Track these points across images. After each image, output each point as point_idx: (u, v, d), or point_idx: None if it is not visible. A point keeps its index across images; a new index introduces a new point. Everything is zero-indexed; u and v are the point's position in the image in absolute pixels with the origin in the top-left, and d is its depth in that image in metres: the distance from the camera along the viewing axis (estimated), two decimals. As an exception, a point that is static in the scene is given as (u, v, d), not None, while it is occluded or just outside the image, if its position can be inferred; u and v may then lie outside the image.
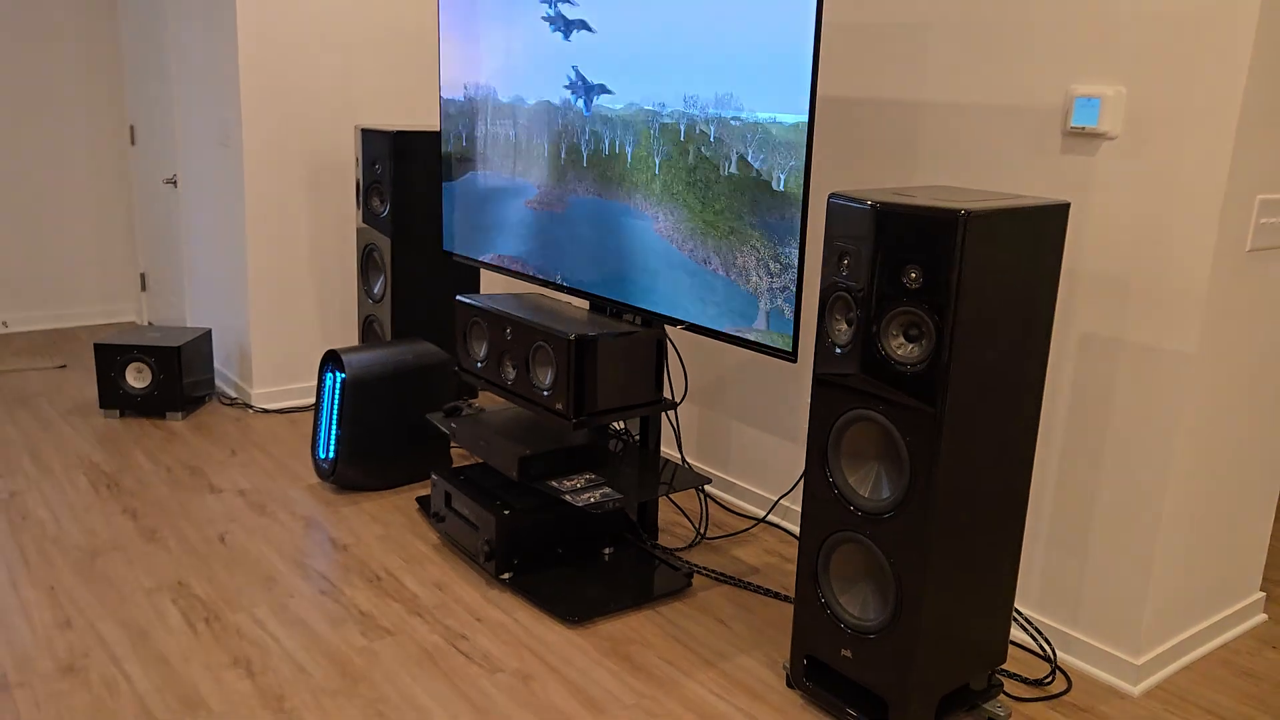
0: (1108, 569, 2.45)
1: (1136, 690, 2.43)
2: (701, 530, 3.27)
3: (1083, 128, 2.33)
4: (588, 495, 2.67)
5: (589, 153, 2.83)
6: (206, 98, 4.27)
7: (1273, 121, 2.21)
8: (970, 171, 2.61)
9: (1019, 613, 2.65)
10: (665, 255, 2.66)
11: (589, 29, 2.76)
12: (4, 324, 5.29)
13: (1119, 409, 2.38)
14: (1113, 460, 2.41)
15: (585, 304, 3.46)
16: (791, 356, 2.38)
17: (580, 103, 2.83)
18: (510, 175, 3.15)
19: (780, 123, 2.30)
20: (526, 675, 2.41)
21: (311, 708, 2.25)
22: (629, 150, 2.71)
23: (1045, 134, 2.44)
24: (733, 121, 2.41)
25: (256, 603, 2.69)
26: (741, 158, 2.40)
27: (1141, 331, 2.31)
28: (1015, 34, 2.47)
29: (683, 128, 2.54)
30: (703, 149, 2.50)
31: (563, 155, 2.93)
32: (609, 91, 2.73)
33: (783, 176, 2.32)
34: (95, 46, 5.26)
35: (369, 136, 3.80)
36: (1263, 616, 2.82)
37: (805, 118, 2.25)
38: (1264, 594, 2.83)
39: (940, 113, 2.66)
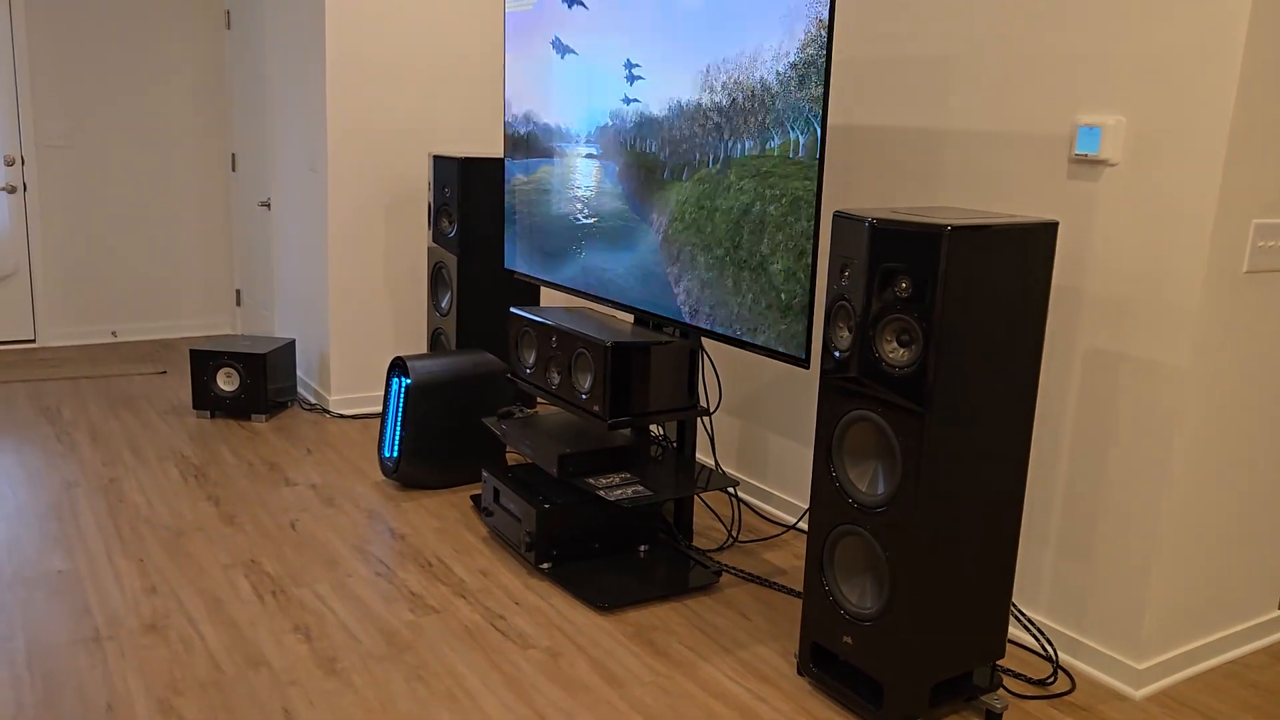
0: (1111, 576, 2.56)
1: (1138, 695, 2.52)
2: (734, 534, 3.45)
3: (1086, 155, 2.48)
4: (620, 492, 2.88)
5: (633, 181, 3.07)
6: (298, 128, 4.66)
7: (1265, 149, 2.33)
8: (987, 195, 2.77)
9: (1024, 615, 2.76)
10: (700, 272, 2.87)
11: (639, 76, 3.01)
12: (114, 334, 5.77)
13: (1121, 420, 2.50)
14: (1116, 470, 2.53)
15: (630, 318, 3.68)
16: (804, 363, 2.56)
17: (625, 138, 3.08)
18: (564, 199, 3.41)
19: (801, 146, 2.51)
20: (556, 652, 2.62)
21: (360, 670, 2.50)
22: (668, 177, 2.94)
23: (1053, 160, 2.59)
24: (756, 154, 2.62)
25: (318, 580, 2.97)
26: (769, 179, 2.61)
27: (1141, 347, 2.44)
28: (1025, 67, 2.63)
29: (714, 157, 2.76)
30: (733, 177, 2.71)
31: (609, 184, 3.17)
32: (644, 135, 2.97)
33: (805, 195, 2.52)
34: (203, 82, 5.74)
35: (440, 163, 4.12)
36: (1280, 634, 2.87)
37: (818, 142, 2.45)
38: (1281, 612, 2.88)
39: (961, 140, 2.83)
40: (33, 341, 5.58)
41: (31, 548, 3.09)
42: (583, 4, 3.21)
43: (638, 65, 3.01)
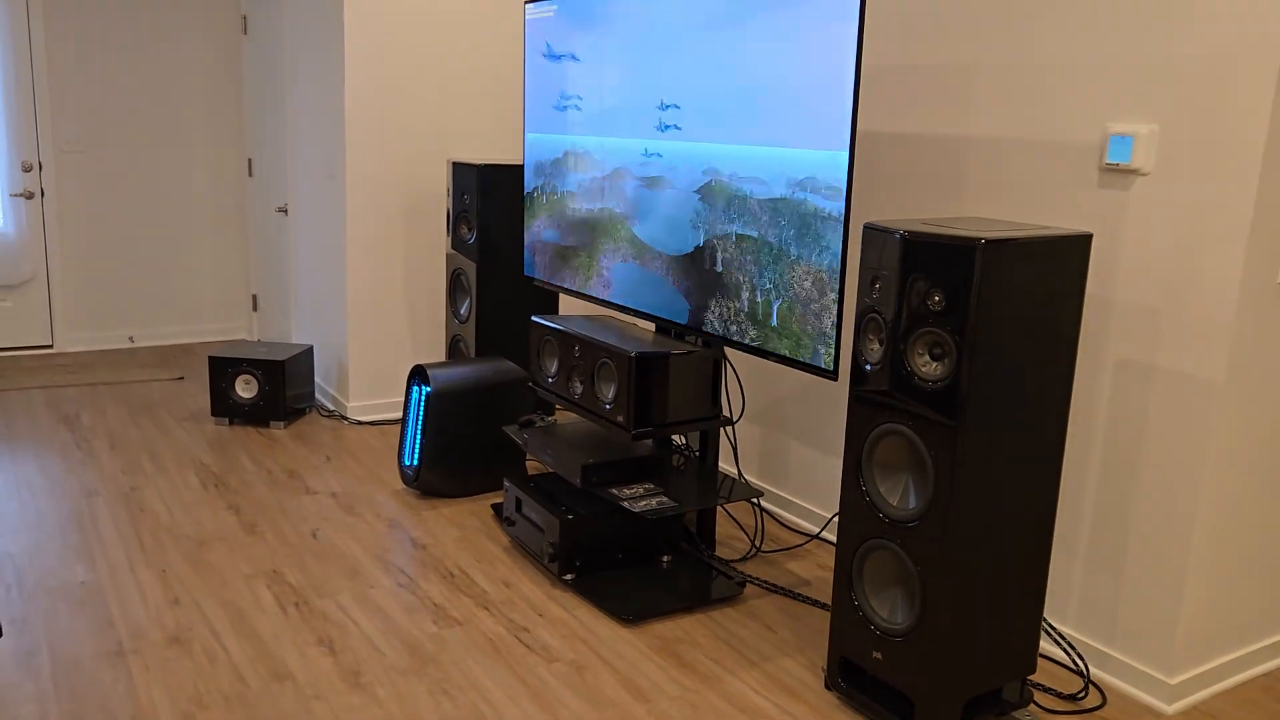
0: (1142, 589, 2.53)
1: (1170, 709, 2.49)
2: (757, 544, 3.42)
3: (1117, 164, 2.45)
4: (645, 502, 2.86)
5: (650, 190, 3.05)
6: (316, 134, 4.65)
7: (1302, 158, 2.30)
8: (1014, 204, 2.74)
9: (1054, 628, 2.73)
10: (724, 282, 2.85)
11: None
12: (131, 339, 5.77)
13: (1152, 433, 2.47)
14: (1147, 482, 2.49)
15: (652, 326, 3.66)
16: (833, 375, 2.54)
17: (643, 147, 3.06)
18: (584, 208, 3.40)
19: (828, 158, 2.48)
20: (580, 666, 2.60)
21: (384, 683, 2.49)
22: (691, 187, 2.92)
23: (1083, 169, 2.56)
24: (785, 160, 2.60)
25: (341, 591, 2.95)
26: (794, 191, 2.59)
27: (1173, 358, 2.41)
28: (1055, 74, 2.60)
29: (739, 168, 2.74)
30: (757, 185, 2.69)
31: (629, 192, 3.15)
32: (678, 130, 2.95)
33: (828, 208, 2.49)
34: (220, 87, 5.75)
35: (459, 170, 4.10)
36: (1312, 647, 2.83)
37: (846, 152, 2.43)
38: (1313, 625, 2.84)
39: (986, 148, 2.81)
40: (50, 347, 5.59)
41: (53, 558, 3.09)
42: (603, 19, 3.20)
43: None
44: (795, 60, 2.55)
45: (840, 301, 2.50)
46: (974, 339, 2.04)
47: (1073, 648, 2.68)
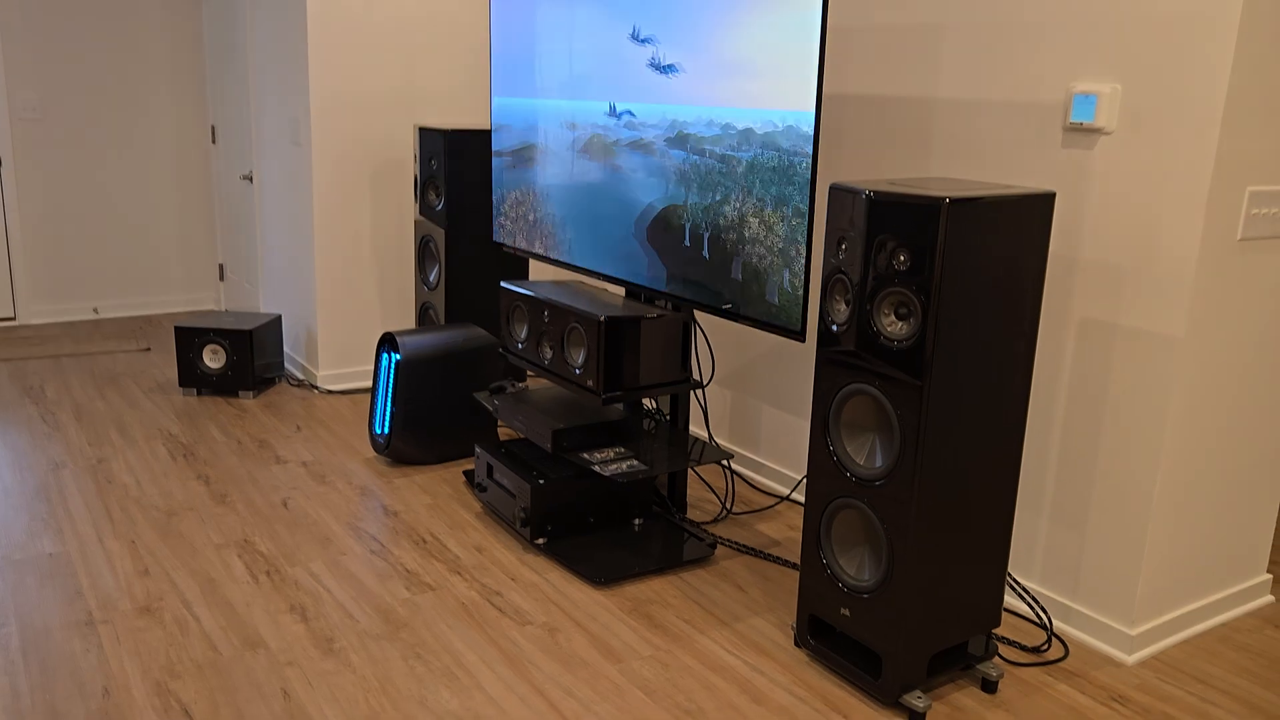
0: (1104, 543, 2.58)
1: (1131, 659, 2.55)
2: (728, 506, 3.45)
3: (1081, 123, 2.46)
4: (615, 466, 2.87)
5: (618, 153, 3.04)
6: (280, 100, 4.58)
7: (1259, 117, 2.32)
8: (980, 164, 2.75)
9: (1019, 583, 2.78)
10: (692, 245, 2.85)
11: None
12: (95, 310, 5.70)
13: (1115, 390, 2.50)
14: (1110, 438, 2.53)
15: (622, 291, 3.66)
16: (800, 336, 2.55)
17: (610, 110, 3.04)
18: (553, 172, 3.37)
19: (794, 118, 2.48)
20: (553, 628, 2.62)
21: (357, 649, 2.50)
22: (660, 149, 2.90)
23: (1047, 129, 2.57)
24: (752, 120, 2.59)
25: (313, 559, 2.95)
26: (761, 150, 2.58)
27: (1135, 316, 2.44)
28: (1020, 33, 2.60)
29: (706, 130, 2.73)
30: (724, 147, 2.68)
31: (598, 155, 3.14)
32: (631, 100, 2.93)
33: (795, 166, 2.49)
34: (180, 53, 5.64)
35: (426, 135, 4.06)
36: (1269, 598, 2.90)
37: (813, 113, 2.43)
38: (1270, 576, 2.91)
39: (953, 109, 2.81)
40: (13, 320, 5.51)
41: (20, 530, 3.06)
42: (570, -28, 3.16)
43: (643, 39, 2.97)
44: (762, 20, 2.54)
45: (807, 262, 2.51)
46: (939, 298, 2.06)
47: (1036, 601, 2.73)
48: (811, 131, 2.43)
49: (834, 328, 2.27)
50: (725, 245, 2.73)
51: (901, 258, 2.10)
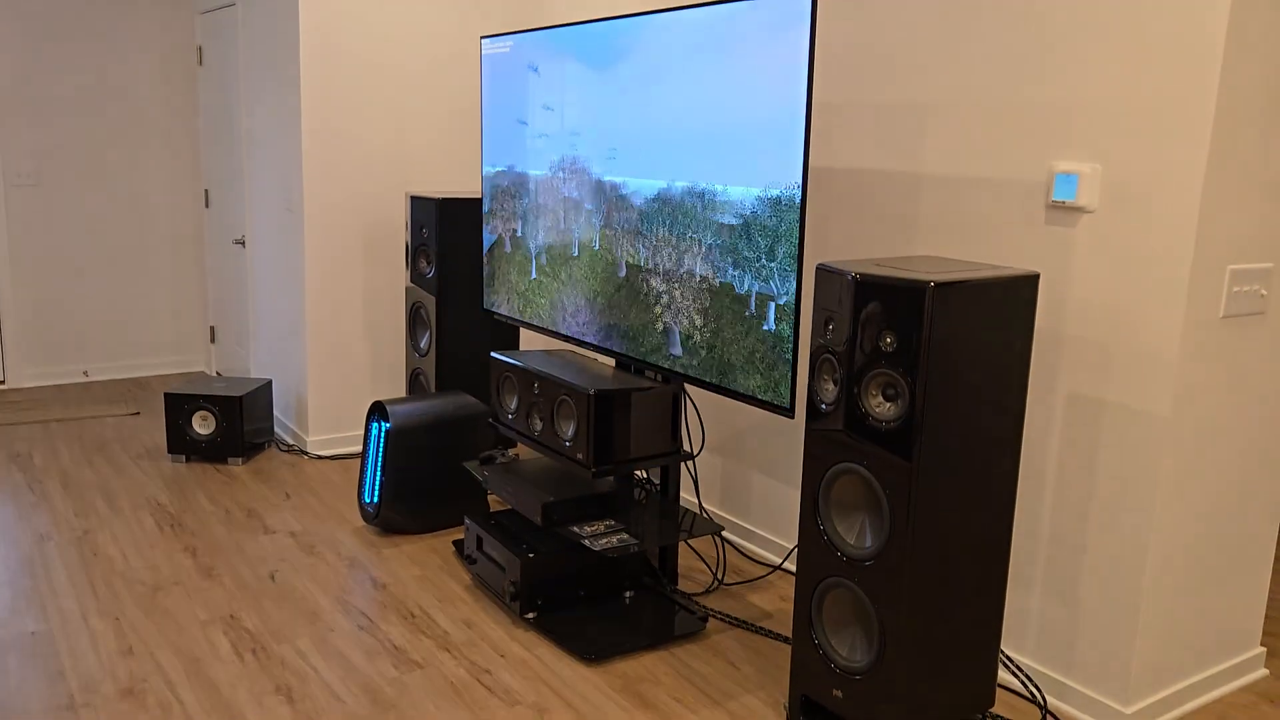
0: (1097, 619, 2.56)
1: (1127, 738, 2.52)
2: (719, 576, 3.43)
3: (1063, 202, 2.49)
4: (606, 540, 2.86)
5: (607, 224, 3.06)
6: (273, 166, 4.62)
7: (1239, 196, 2.35)
8: (965, 240, 2.78)
9: (1012, 660, 2.76)
10: (682, 316, 2.86)
11: (607, 118, 3.01)
12: (85, 373, 5.68)
13: (1104, 465, 2.51)
14: (1099, 514, 2.53)
15: (612, 362, 3.66)
16: (789, 413, 2.56)
17: (597, 179, 3.07)
18: (542, 241, 3.40)
19: (779, 198, 2.51)
20: (543, 709, 2.59)
21: (343, 732, 2.46)
22: (642, 223, 2.93)
23: (1031, 207, 2.60)
24: (734, 197, 2.62)
25: (300, 635, 2.92)
26: (748, 223, 2.61)
27: (1121, 392, 2.45)
28: (1002, 113, 2.65)
29: (688, 203, 2.76)
30: (706, 220, 2.71)
31: (583, 227, 3.16)
32: (620, 174, 2.96)
33: (779, 247, 2.52)
34: (175, 118, 5.69)
35: (417, 203, 4.09)
36: (1263, 671, 2.88)
37: (799, 193, 2.45)
38: (1264, 649, 2.89)
39: (938, 185, 2.85)
40: (2, 383, 5.49)
41: (3, 607, 3.02)
42: (538, 72, 3.21)
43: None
44: (747, 101, 2.58)
45: (795, 340, 2.52)
46: (926, 380, 2.07)
47: (1030, 679, 2.71)
48: (798, 206, 2.46)
49: (823, 406, 2.28)
50: (714, 319, 2.74)
51: (888, 339, 2.11)
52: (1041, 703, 2.68)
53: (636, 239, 2.98)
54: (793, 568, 3.48)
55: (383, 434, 3.58)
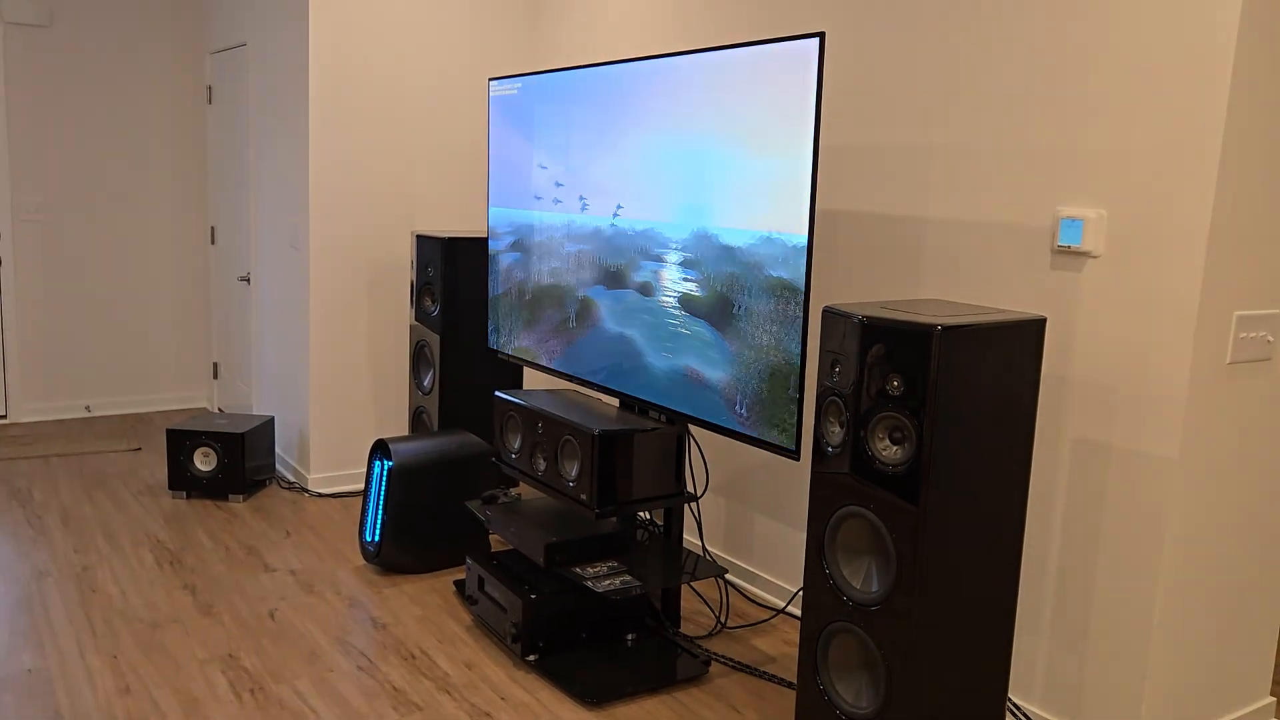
0: (1106, 666, 2.53)
1: (1137, 789, 2.48)
2: (722, 619, 3.40)
3: (1069, 246, 2.50)
4: (608, 582, 2.84)
5: (613, 266, 3.08)
6: (279, 204, 4.65)
7: (1245, 242, 2.36)
8: (971, 283, 2.79)
9: (1019, 708, 2.73)
10: (688, 356, 2.86)
11: (605, 162, 3.03)
12: (88, 408, 5.68)
13: (1111, 510, 2.49)
14: (1107, 559, 2.51)
15: (616, 401, 3.66)
16: (795, 455, 2.55)
17: (602, 221, 3.09)
18: (547, 282, 3.41)
19: (786, 241, 2.52)
20: (543, 753, 2.56)
21: (342, 775, 2.42)
22: (648, 266, 2.94)
23: (1036, 251, 2.61)
24: (743, 242, 2.64)
25: (299, 675, 2.89)
26: (755, 267, 2.62)
27: (1128, 437, 2.44)
28: (1008, 157, 2.67)
29: (699, 243, 2.78)
30: (713, 265, 2.72)
31: (591, 270, 3.18)
32: (626, 216, 2.98)
33: (786, 289, 2.52)
34: (183, 155, 5.74)
35: (423, 242, 4.11)
36: (1274, 721, 2.84)
37: (805, 238, 2.47)
38: (1275, 699, 2.86)
39: (944, 229, 2.86)
40: (4, 417, 5.48)
41: (1, 645, 2.99)
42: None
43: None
44: (753, 143, 2.60)
45: (801, 382, 2.52)
46: (933, 423, 2.06)
47: (1038, 726, 2.67)
48: (805, 249, 2.47)
49: (829, 450, 2.27)
50: (719, 360, 2.74)
51: (895, 383, 2.11)
52: (1049, 752, 2.64)
53: (642, 278, 2.99)
54: (797, 611, 3.45)
55: (385, 472, 3.57)
